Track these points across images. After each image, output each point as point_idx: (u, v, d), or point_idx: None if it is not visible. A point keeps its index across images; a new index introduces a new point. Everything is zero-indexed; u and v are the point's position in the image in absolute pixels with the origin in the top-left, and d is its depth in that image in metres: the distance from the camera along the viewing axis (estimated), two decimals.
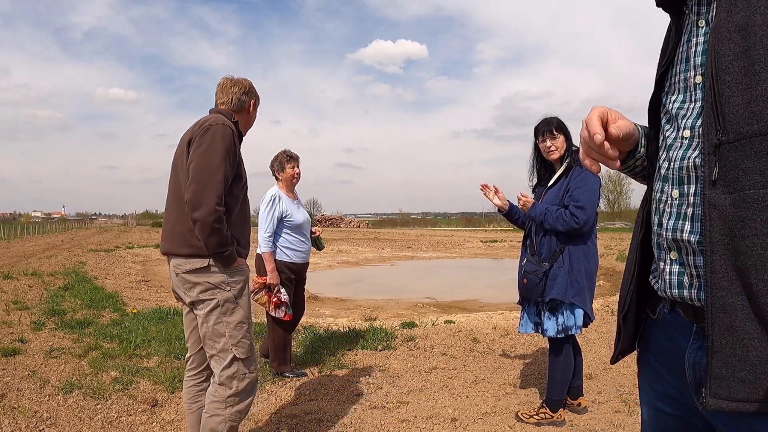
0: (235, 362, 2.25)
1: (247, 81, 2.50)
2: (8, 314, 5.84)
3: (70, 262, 12.90)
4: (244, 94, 2.45)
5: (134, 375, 3.79)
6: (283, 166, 3.97)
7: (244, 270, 2.33)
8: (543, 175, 3.18)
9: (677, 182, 0.88)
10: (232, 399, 2.25)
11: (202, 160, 2.18)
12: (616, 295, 8.46)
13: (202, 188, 2.14)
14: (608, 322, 5.91)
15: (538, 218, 2.94)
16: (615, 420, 3.10)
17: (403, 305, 8.31)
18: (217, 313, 2.24)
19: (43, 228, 44.74)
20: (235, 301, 2.26)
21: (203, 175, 2.15)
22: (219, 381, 2.27)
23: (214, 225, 2.13)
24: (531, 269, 2.95)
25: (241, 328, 2.27)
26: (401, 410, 3.30)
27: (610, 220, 58.32)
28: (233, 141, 2.23)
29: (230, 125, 2.26)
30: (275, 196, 3.88)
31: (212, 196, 2.13)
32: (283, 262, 3.89)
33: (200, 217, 2.12)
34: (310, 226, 4.12)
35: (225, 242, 2.18)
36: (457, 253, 22.73)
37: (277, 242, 3.88)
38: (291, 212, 3.90)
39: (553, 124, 3.02)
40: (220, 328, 2.24)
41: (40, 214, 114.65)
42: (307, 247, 4.05)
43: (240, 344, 2.26)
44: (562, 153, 3.01)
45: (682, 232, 0.86)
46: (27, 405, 3.17)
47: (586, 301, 2.93)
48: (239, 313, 2.27)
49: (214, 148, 2.18)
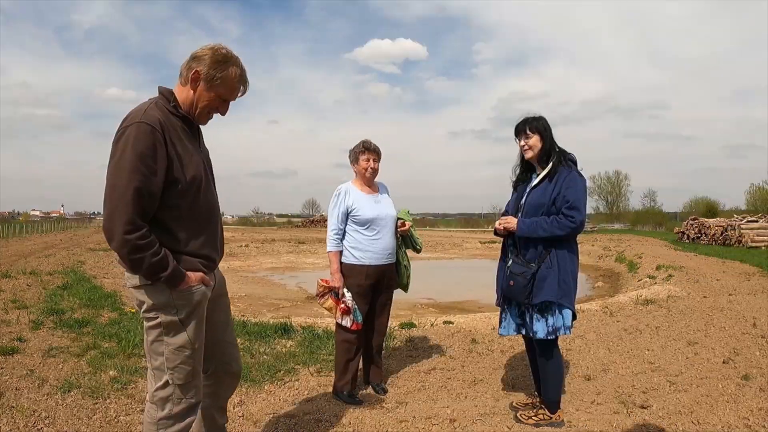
0: (169, 386, 2.00)
1: (217, 47, 2.00)
2: (7, 313, 5.83)
3: (69, 261, 12.88)
4: (190, 61, 1.98)
5: (133, 374, 3.79)
6: (357, 158, 3.55)
7: (197, 291, 2.00)
8: (525, 175, 3.17)
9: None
10: (164, 422, 2.00)
11: (110, 176, 1.84)
12: (616, 296, 8.46)
13: (110, 213, 1.82)
14: (607, 323, 5.91)
15: (531, 233, 2.92)
16: (614, 421, 3.10)
17: (402, 306, 8.32)
18: (156, 332, 1.98)
19: (42, 227, 44.65)
20: (181, 325, 1.97)
21: (111, 196, 1.82)
22: (151, 400, 2.04)
23: (131, 256, 1.83)
24: (518, 271, 2.94)
25: (181, 353, 1.98)
26: (400, 410, 3.30)
27: (609, 222, 58.29)
28: (152, 141, 1.84)
29: (149, 120, 1.86)
30: (340, 191, 3.53)
31: (120, 224, 1.79)
32: (351, 265, 3.46)
33: (114, 248, 1.85)
34: (391, 223, 3.58)
35: (154, 270, 1.87)
36: (456, 254, 22.73)
37: (345, 242, 3.50)
38: (358, 207, 3.46)
39: (527, 124, 3.04)
40: (158, 347, 1.99)
41: (38, 213, 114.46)
42: (384, 246, 3.50)
43: (177, 369, 1.99)
44: (536, 152, 3.02)
45: None
46: (25, 404, 3.17)
47: (573, 301, 2.95)
48: (182, 337, 1.98)
49: (122, 159, 1.82)
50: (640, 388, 3.70)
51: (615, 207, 64.14)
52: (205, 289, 2.05)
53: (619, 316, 6.30)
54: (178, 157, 1.93)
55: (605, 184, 64.88)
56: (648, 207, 59.04)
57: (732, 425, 3.04)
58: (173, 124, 1.96)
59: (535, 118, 3.05)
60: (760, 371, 3.99)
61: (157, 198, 1.89)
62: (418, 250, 3.81)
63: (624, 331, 5.51)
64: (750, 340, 4.94)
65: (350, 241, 3.49)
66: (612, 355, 4.62)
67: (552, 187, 2.93)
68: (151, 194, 1.86)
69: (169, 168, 1.89)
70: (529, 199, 3.01)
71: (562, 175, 2.93)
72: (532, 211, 2.97)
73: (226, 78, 2.00)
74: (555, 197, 2.91)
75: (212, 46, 2.01)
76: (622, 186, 64.94)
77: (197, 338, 2.03)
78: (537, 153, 3.02)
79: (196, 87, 1.99)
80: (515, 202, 3.13)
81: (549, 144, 3.01)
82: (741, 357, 4.39)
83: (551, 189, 2.93)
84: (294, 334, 5.13)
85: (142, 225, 1.84)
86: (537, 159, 3.04)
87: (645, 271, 11.83)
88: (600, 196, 64.70)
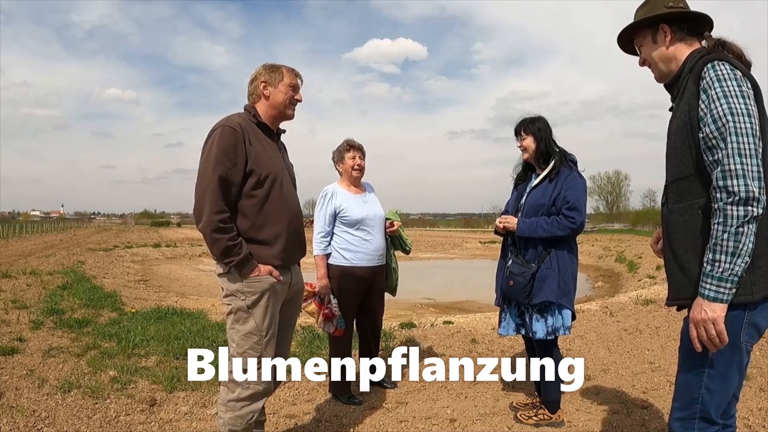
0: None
1: (265, 64, 2.41)
2: (7, 313, 5.83)
3: (69, 261, 12.88)
4: (254, 80, 2.37)
5: (133, 374, 3.78)
6: (342, 156, 3.47)
7: (264, 280, 2.23)
8: (525, 174, 3.17)
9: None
10: (233, 404, 2.23)
11: (200, 168, 2.18)
12: (616, 296, 8.46)
13: (200, 198, 2.14)
14: (607, 323, 5.91)
15: (531, 233, 2.92)
16: (614, 421, 3.10)
17: (402, 306, 8.32)
18: (231, 319, 2.24)
19: (42, 227, 44.68)
20: (248, 311, 2.21)
21: (200, 184, 2.15)
22: (224, 383, 2.28)
23: (213, 235, 2.11)
24: (518, 271, 2.93)
25: (249, 339, 2.22)
26: (400, 410, 3.30)
27: (609, 222, 58.28)
28: (234, 139, 2.17)
29: (232, 123, 2.20)
30: (327, 192, 3.44)
31: (209, 205, 2.11)
32: (340, 267, 3.36)
33: (200, 228, 2.13)
34: (381, 223, 3.51)
35: (228, 252, 2.14)
36: (456, 254, 22.74)
37: (335, 243, 3.41)
38: (347, 207, 3.37)
39: (523, 125, 3.06)
40: (232, 334, 2.25)
41: (38, 213, 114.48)
42: (375, 248, 3.43)
43: (245, 354, 2.22)
44: (531, 153, 3.03)
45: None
46: (25, 404, 3.17)
47: (572, 301, 2.95)
48: (250, 323, 2.22)
49: (210, 154, 2.16)
50: (640, 388, 3.70)
51: (615, 207, 64.16)
52: (275, 282, 2.26)
53: (619, 316, 6.30)
54: (256, 154, 2.23)
55: (605, 184, 64.95)
56: (648, 207, 59.02)
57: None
58: (253, 129, 2.29)
59: (531, 119, 3.06)
60: (760, 371, 3.99)
61: (238, 187, 2.19)
62: (407, 251, 3.76)
63: (624, 331, 5.50)
64: None
65: (340, 242, 3.39)
66: (612, 355, 4.62)
67: (552, 187, 2.93)
68: (232, 183, 2.17)
69: (247, 162, 2.20)
70: (528, 199, 3.01)
71: (563, 176, 2.93)
72: (531, 211, 2.96)
73: (283, 72, 2.38)
74: (555, 198, 2.90)
75: (259, 67, 2.41)
76: (622, 186, 65.03)
77: (265, 326, 2.25)
78: (532, 154, 3.03)
79: (269, 93, 2.35)
80: (515, 202, 3.13)
81: (545, 145, 3.00)
82: None
83: (551, 189, 2.93)
84: (294, 334, 5.12)
85: (226, 210, 2.14)
86: (534, 159, 3.05)
87: (645, 271, 11.84)
88: (600, 196, 64.76)
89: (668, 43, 1.77)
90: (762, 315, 1.58)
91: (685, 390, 1.66)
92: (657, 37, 1.79)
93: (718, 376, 1.59)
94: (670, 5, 1.76)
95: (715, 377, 1.59)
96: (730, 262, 1.46)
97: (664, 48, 1.77)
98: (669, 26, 1.77)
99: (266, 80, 2.35)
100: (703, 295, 1.51)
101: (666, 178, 1.72)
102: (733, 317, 1.53)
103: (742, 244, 1.45)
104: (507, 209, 3.21)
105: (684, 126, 1.62)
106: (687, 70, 1.69)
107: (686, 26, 1.76)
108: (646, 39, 1.82)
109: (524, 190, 3.11)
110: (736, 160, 1.46)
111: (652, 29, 1.80)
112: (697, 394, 1.61)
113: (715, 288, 1.49)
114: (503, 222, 3.04)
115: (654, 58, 1.81)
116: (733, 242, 1.45)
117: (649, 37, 1.81)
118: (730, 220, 1.46)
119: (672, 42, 1.76)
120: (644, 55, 1.85)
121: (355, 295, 3.42)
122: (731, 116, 1.49)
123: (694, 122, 1.59)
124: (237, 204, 2.21)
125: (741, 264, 1.47)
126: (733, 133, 1.48)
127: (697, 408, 1.62)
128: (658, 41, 1.79)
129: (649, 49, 1.82)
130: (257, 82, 2.36)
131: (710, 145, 1.53)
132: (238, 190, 2.20)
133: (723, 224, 1.47)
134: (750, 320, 1.56)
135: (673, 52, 1.76)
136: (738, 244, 1.45)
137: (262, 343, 2.24)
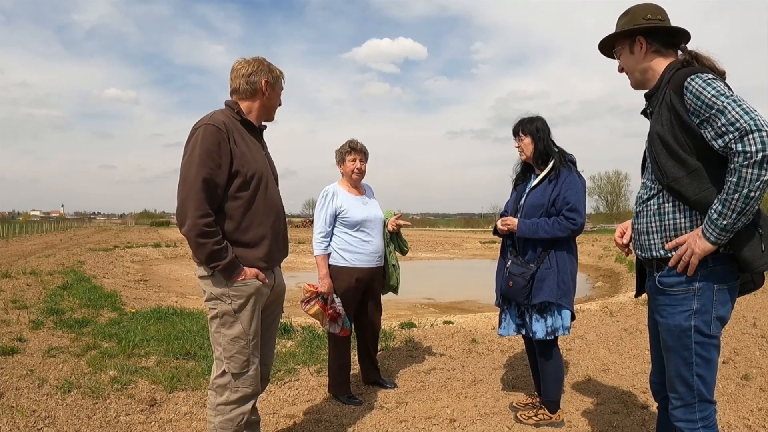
0: (226, 374, 2.20)
1: (258, 59, 2.29)
2: (7, 313, 5.83)
3: (69, 261, 12.88)
4: (253, 75, 2.24)
5: (133, 374, 3.78)
6: (344, 159, 3.47)
7: (251, 284, 2.18)
8: (525, 174, 3.17)
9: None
10: (222, 407, 2.20)
11: (182, 170, 2.09)
12: (616, 296, 8.47)
13: (183, 201, 2.05)
14: (607, 323, 5.91)
15: (532, 234, 2.91)
16: (614, 421, 3.10)
17: (402, 306, 8.32)
18: (216, 323, 2.19)
19: (42, 227, 44.68)
20: (234, 315, 2.16)
21: (183, 186, 2.06)
22: (211, 387, 2.25)
23: (198, 240, 2.03)
24: (517, 271, 2.93)
25: (236, 343, 2.17)
26: (400, 410, 3.30)
27: (609, 222, 58.25)
28: (218, 139, 2.07)
29: (215, 122, 2.10)
30: (328, 192, 3.44)
31: (193, 209, 2.02)
32: (340, 267, 3.38)
33: (184, 232, 2.05)
34: (380, 225, 3.52)
35: (214, 256, 2.06)
36: (456, 254, 22.74)
37: (334, 243, 3.41)
38: (347, 208, 3.39)
39: (521, 125, 3.06)
40: (217, 338, 2.20)
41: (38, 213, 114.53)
42: (374, 249, 3.45)
43: (233, 359, 2.18)
44: (528, 154, 3.03)
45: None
46: (25, 404, 3.17)
47: (572, 301, 2.95)
48: (237, 327, 2.17)
49: (192, 154, 2.06)
50: (640, 388, 3.70)
51: (615, 207, 64.15)
52: (260, 285, 2.21)
53: (619, 316, 6.30)
54: (241, 154, 2.15)
55: (605, 184, 64.94)
56: None
57: (732, 425, 3.04)
58: (237, 127, 2.20)
59: (529, 120, 3.05)
60: (760, 371, 3.99)
61: (223, 189, 2.11)
62: (404, 252, 3.76)
63: (624, 331, 5.51)
64: (750, 340, 4.95)
65: (339, 243, 3.40)
66: (612, 355, 4.62)
67: (551, 188, 2.93)
68: (217, 185, 2.08)
69: (232, 162, 2.11)
70: (528, 200, 3.01)
71: (562, 177, 2.93)
72: (531, 211, 2.96)
73: (278, 77, 2.34)
74: (554, 198, 2.90)
75: (251, 59, 2.29)
76: (622, 186, 65.00)
77: (251, 330, 2.21)
78: (530, 154, 3.03)
79: (265, 93, 2.28)
80: (514, 202, 3.13)
81: (543, 145, 2.99)
82: (741, 357, 4.39)
83: (551, 190, 2.93)
84: (294, 334, 5.13)
85: (210, 213, 2.06)
86: (533, 160, 3.04)
87: None
88: (600, 196, 64.74)
89: (644, 54, 1.89)
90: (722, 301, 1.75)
91: (679, 382, 1.80)
92: (634, 48, 1.91)
93: (703, 362, 1.75)
94: (648, 17, 1.87)
95: (702, 364, 1.75)
96: (735, 219, 1.58)
97: (641, 58, 1.90)
98: (645, 38, 1.87)
99: (269, 80, 2.28)
100: (705, 236, 1.65)
101: (662, 179, 1.78)
102: (701, 313, 1.73)
103: (748, 206, 1.56)
104: (506, 210, 3.21)
105: (668, 131, 1.73)
106: (665, 81, 1.79)
107: (662, 39, 1.87)
108: (624, 49, 1.94)
109: (523, 190, 3.10)
110: (745, 117, 1.54)
111: (629, 40, 1.91)
112: (692, 383, 1.77)
113: (716, 234, 1.63)
114: (504, 222, 3.04)
115: (630, 67, 1.93)
116: (741, 203, 1.56)
117: (626, 47, 1.93)
118: (743, 182, 1.54)
119: (647, 53, 1.88)
120: (622, 64, 1.96)
121: (354, 296, 3.43)
122: (724, 97, 1.59)
123: (677, 128, 1.71)
124: (222, 206, 2.13)
125: (744, 221, 1.59)
126: (732, 102, 1.57)
127: (694, 394, 1.78)
128: (635, 52, 1.90)
129: (626, 59, 1.94)
130: (258, 78, 2.25)
131: (712, 125, 1.60)
132: (223, 191, 2.12)
133: (736, 184, 1.55)
134: (717, 314, 1.74)
135: (649, 63, 1.89)
136: (745, 207, 1.56)
137: (249, 347, 2.21)
